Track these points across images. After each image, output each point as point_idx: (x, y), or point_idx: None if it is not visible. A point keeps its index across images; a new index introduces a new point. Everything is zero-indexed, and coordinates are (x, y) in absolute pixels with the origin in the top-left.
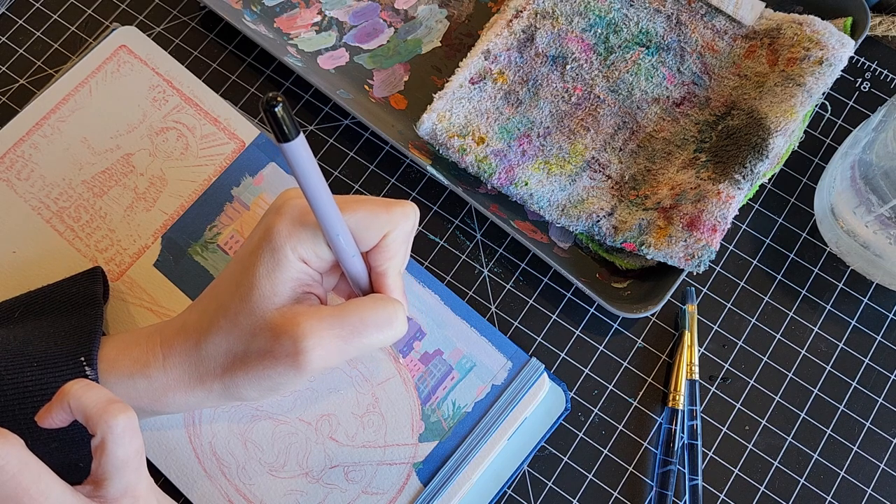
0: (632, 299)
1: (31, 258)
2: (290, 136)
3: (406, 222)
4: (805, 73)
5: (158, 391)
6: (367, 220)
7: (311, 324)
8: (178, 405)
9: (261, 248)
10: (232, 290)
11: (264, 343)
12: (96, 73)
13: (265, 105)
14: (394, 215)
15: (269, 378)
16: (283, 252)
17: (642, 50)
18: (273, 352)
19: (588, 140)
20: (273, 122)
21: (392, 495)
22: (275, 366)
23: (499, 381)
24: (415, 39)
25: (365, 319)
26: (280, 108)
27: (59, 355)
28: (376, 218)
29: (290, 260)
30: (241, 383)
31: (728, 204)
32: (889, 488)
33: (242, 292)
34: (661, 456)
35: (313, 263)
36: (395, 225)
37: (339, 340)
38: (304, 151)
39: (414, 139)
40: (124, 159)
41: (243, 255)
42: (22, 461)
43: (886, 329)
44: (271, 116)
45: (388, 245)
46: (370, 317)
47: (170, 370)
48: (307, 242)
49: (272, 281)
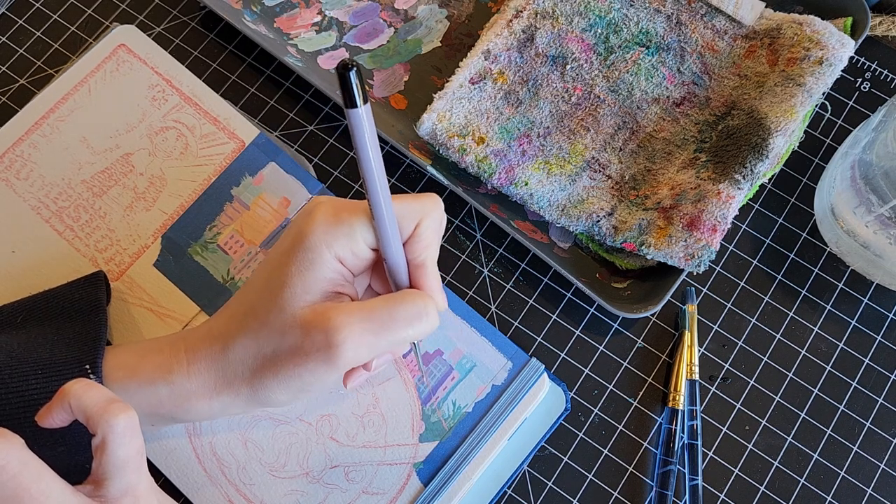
0: (632, 299)
1: (30, 258)
2: (360, 102)
3: (436, 210)
4: (805, 73)
5: (181, 398)
6: (400, 208)
7: (342, 318)
8: (200, 412)
9: (294, 248)
10: (261, 290)
11: (295, 340)
12: (95, 73)
13: (340, 68)
14: (425, 204)
15: (300, 377)
16: (318, 251)
17: (642, 50)
18: (304, 348)
19: (588, 140)
20: (343, 87)
21: (392, 495)
22: (306, 362)
23: (499, 382)
24: (415, 39)
25: (394, 314)
26: (353, 74)
27: (64, 363)
28: (409, 207)
29: (326, 259)
30: (271, 384)
31: (728, 204)
32: (889, 488)
33: (273, 291)
34: (662, 456)
35: (348, 262)
36: (427, 213)
37: (370, 335)
38: (368, 121)
39: (414, 139)
40: (124, 159)
41: (273, 258)
42: (22, 461)
43: (886, 329)
44: (343, 81)
45: (423, 233)
46: (400, 311)
47: (194, 376)
48: (343, 239)
49: (304, 279)
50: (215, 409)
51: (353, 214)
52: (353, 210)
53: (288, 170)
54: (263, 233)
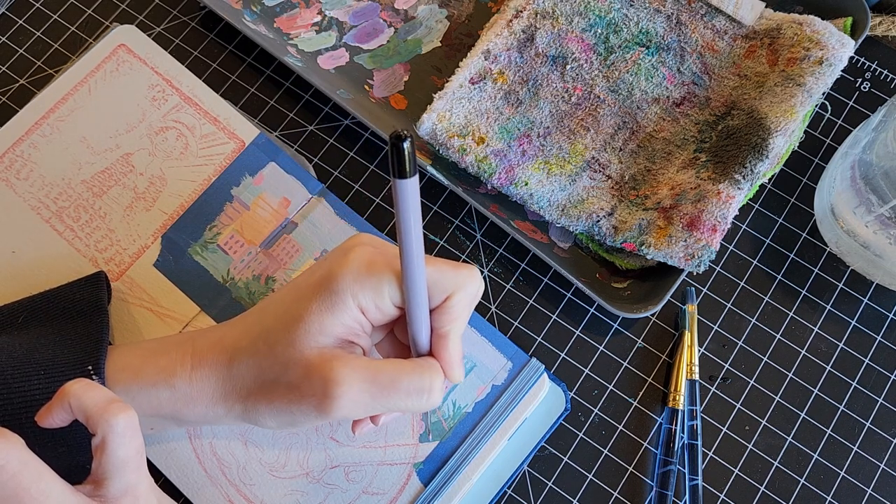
0: (632, 299)
1: (30, 258)
2: (409, 174)
3: (472, 285)
4: (805, 73)
5: (181, 402)
6: (435, 276)
7: (345, 372)
8: (197, 417)
9: (322, 285)
10: (279, 317)
11: (295, 377)
12: (95, 73)
13: (394, 138)
14: (461, 276)
15: (291, 413)
16: (342, 296)
17: (642, 50)
18: (301, 388)
19: (588, 140)
20: (396, 157)
21: (392, 495)
22: (299, 402)
23: (499, 382)
24: (415, 39)
25: (397, 383)
26: (408, 144)
27: (66, 364)
28: (443, 276)
29: (349, 306)
30: (263, 410)
31: (728, 204)
32: (889, 488)
33: (289, 322)
34: (662, 456)
35: (370, 314)
36: (460, 286)
37: (367, 396)
38: (415, 192)
39: (414, 139)
40: (124, 159)
41: (300, 286)
42: (22, 461)
43: (886, 329)
44: (396, 151)
45: (453, 306)
46: (404, 381)
47: (196, 383)
48: (369, 292)
49: (322, 320)
50: (210, 416)
51: (385, 270)
52: (387, 265)
53: (288, 170)
54: (263, 233)
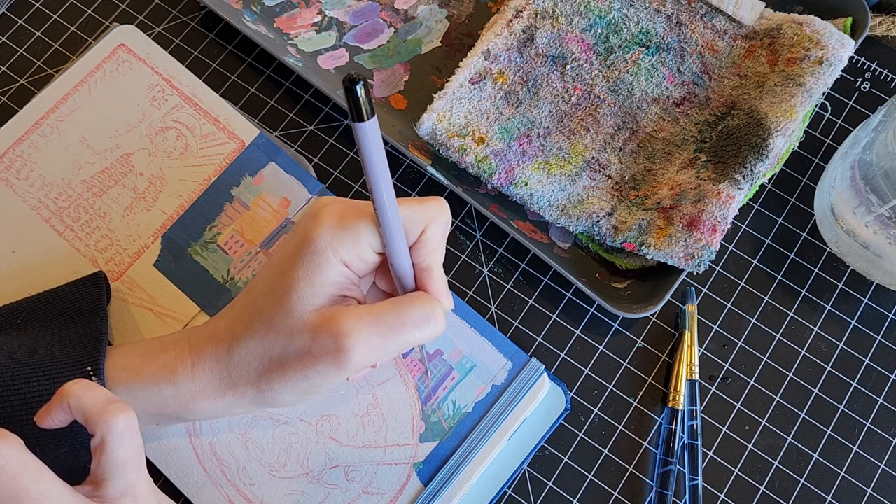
0: (632, 299)
1: (30, 258)
2: (366, 116)
3: (444, 215)
4: (805, 73)
5: (185, 398)
6: (407, 214)
7: (351, 322)
8: (205, 412)
9: (300, 252)
10: (267, 293)
11: (303, 344)
12: (95, 73)
13: (347, 83)
14: (431, 209)
15: (308, 378)
16: (324, 255)
17: (642, 50)
18: (312, 351)
19: (588, 140)
20: (352, 101)
21: (392, 495)
22: (315, 365)
23: (499, 382)
24: (415, 39)
25: (402, 317)
26: (360, 87)
27: (66, 365)
28: (415, 212)
29: (332, 263)
30: (278, 387)
31: (728, 204)
32: (889, 488)
33: (279, 295)
34: (661, 456)
35: (354, 266)
36: (433, 218)
37: (378, 338)
38: (376, 134)
39: (414, 139)
40: (124, 159)
41: (279, 260)
42: (22, 461)
43: (886, 329)
44: (351, 95)
45: (429, 238)
46: (408, 315)
47: (198, 377)
48: (348, 244)
49: (312, 284)
50: (220, 409)
51: (358, 219)
52: (359, 215)
53: (288, 170)
54: (263, 233)
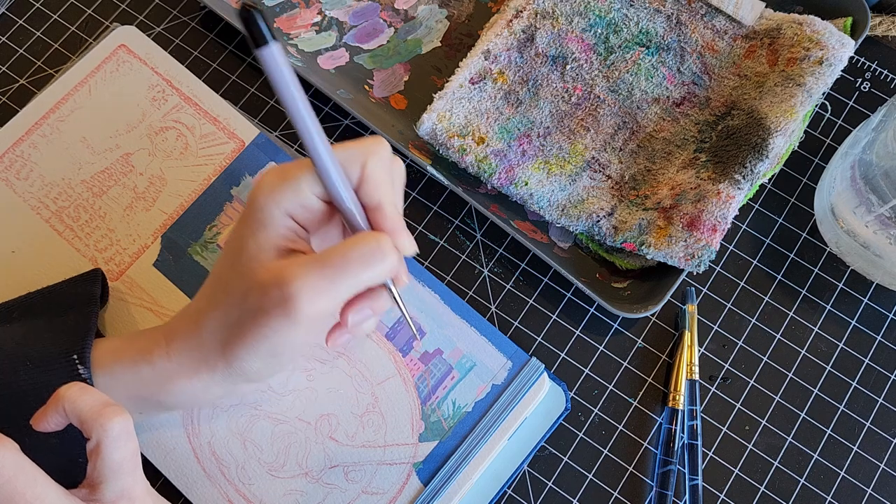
0: (632, 299)
1: (30, 258)
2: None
3: (382, 149)
4: (805, 73)
5: (163, 378)
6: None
7: (294, 269)
8: (183, 393)
9: (246, 214)
10: (223, 262)
11: (255, 301)
12: (96, 73)
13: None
14: (366, 145)
15: (266, 337)
16: (266, 209)
17: (642, 50)
18: (263, 307)
19: (588, 140)
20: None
21: (392, 495)
22: (267, 321)
23: (499, 381)
24: (415, 39)
25: (348, 256)
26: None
27: (53, 354)
28: (350, 151)
29: (275, 216)
30: (241, 353)
31: (728, 204)
32: (889, 488)
33: (231, 260)
34: (661, 456)
35: (299, 216)
36: (371, 152)
37: (325, 280)
38: (283, 59)
39: (414, 139)
40: (123, 159)
41: (233, 229)
42: (18, 465)
43: (886, 329)
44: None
45: (371, 174)
46: (354, 252)
47: (173, 356)
48: (289, 193)
49: (258, 240)
50: (197, 388)
51: (298, 169)
52: (299, 165)
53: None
54: None
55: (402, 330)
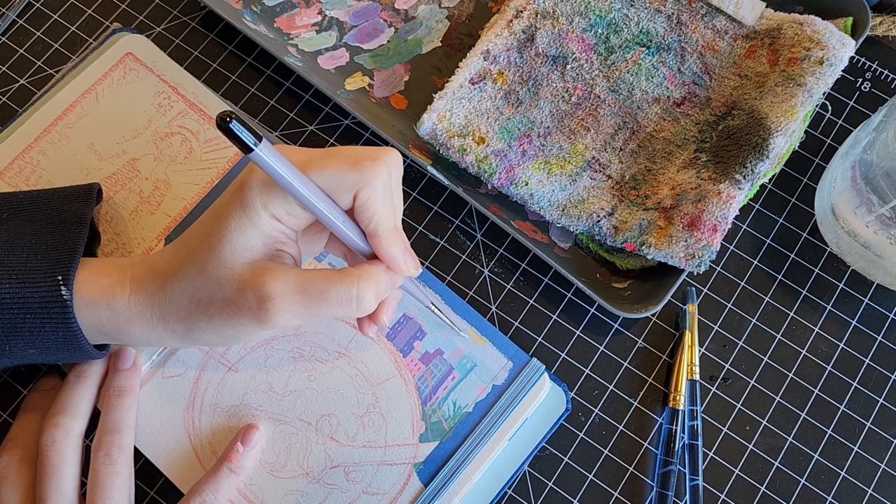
0: (632, 299)
1: None
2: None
3: (377, 178)
4: (805, 73)
5: (121, 322)
6: (335, 179)
7: (276, 285)
8: (139, 338)
9: (234, 201)
10: (202, 238)
11: (229, 293)
12: (103, 80)
13: (219, 121)
14: (363, 172)
15: (232, 326)
16: (254, 209)
17: (643, 50)
18: (236, 303)
19: (588, 140)
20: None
21: (393, 496)
22: (238, 316)
23: (499, 382)
24: (415, 39)
25: (326, 293)
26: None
27: (38, 270)
28: (343, 178)
29: (263, 217)
30: (204, 328)
31: (728, 204)
32: (890, 488)
33: (213, 242)
34: (662, 456)
35: (286, 221)
36: (365, 182)
37: (300, 306)
38: (271, 156)
39: (414, 139)
40: (130, 164)
41: (217, 206)
42: None
43: (887, 329)
44: (228, 134)
45: (363, 205)
46: (332, 291)
47: (134, 306)
48: (278, 200)
49: (244, 236)
50: (153, 338)
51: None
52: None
53: None
54: None
55: (402, 330)
